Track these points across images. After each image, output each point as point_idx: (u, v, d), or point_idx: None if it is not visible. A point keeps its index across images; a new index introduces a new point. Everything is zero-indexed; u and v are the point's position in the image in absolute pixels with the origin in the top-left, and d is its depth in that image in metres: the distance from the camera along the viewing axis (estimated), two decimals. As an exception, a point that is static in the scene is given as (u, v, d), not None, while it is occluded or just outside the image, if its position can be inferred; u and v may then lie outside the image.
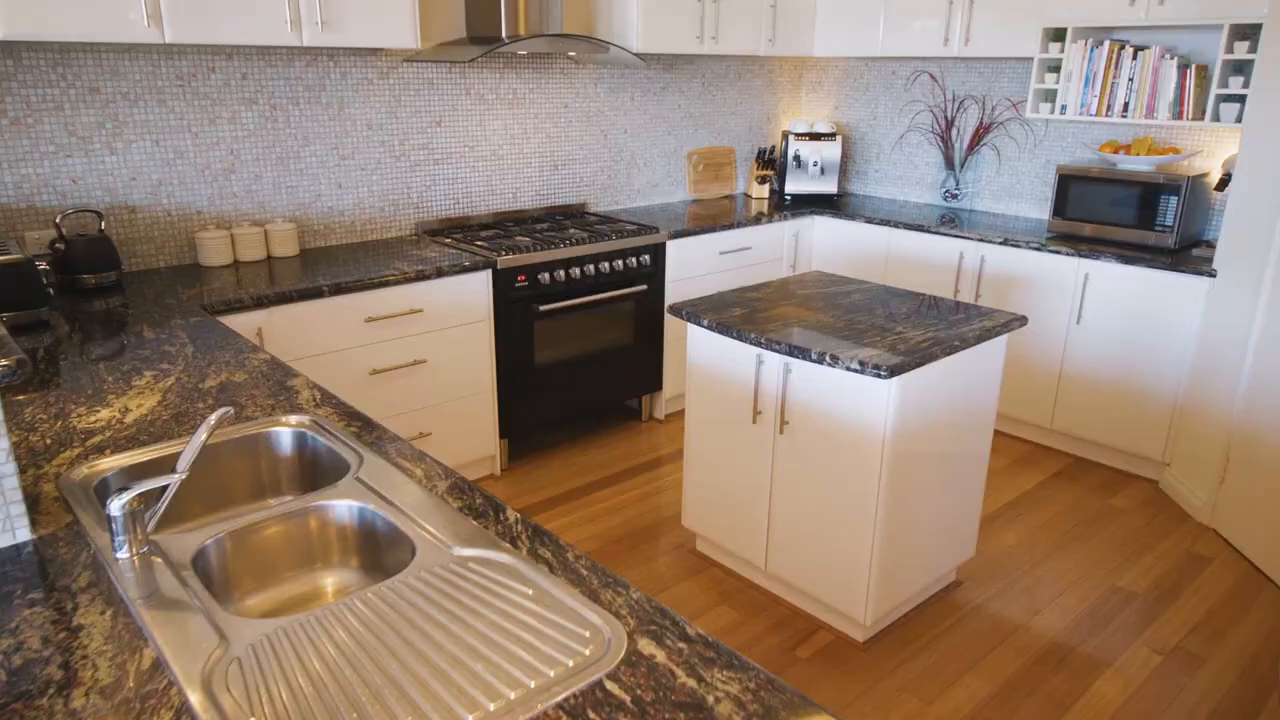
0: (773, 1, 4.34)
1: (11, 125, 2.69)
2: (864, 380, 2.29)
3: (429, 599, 1.17)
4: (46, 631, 1.11)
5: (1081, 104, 3.66)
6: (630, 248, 3.70)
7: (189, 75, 2.99)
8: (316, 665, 1.04)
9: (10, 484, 1.29)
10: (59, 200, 2.81)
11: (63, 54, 2.74)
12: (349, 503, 1.46)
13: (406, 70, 3.50)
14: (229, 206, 3.17)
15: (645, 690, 1.01)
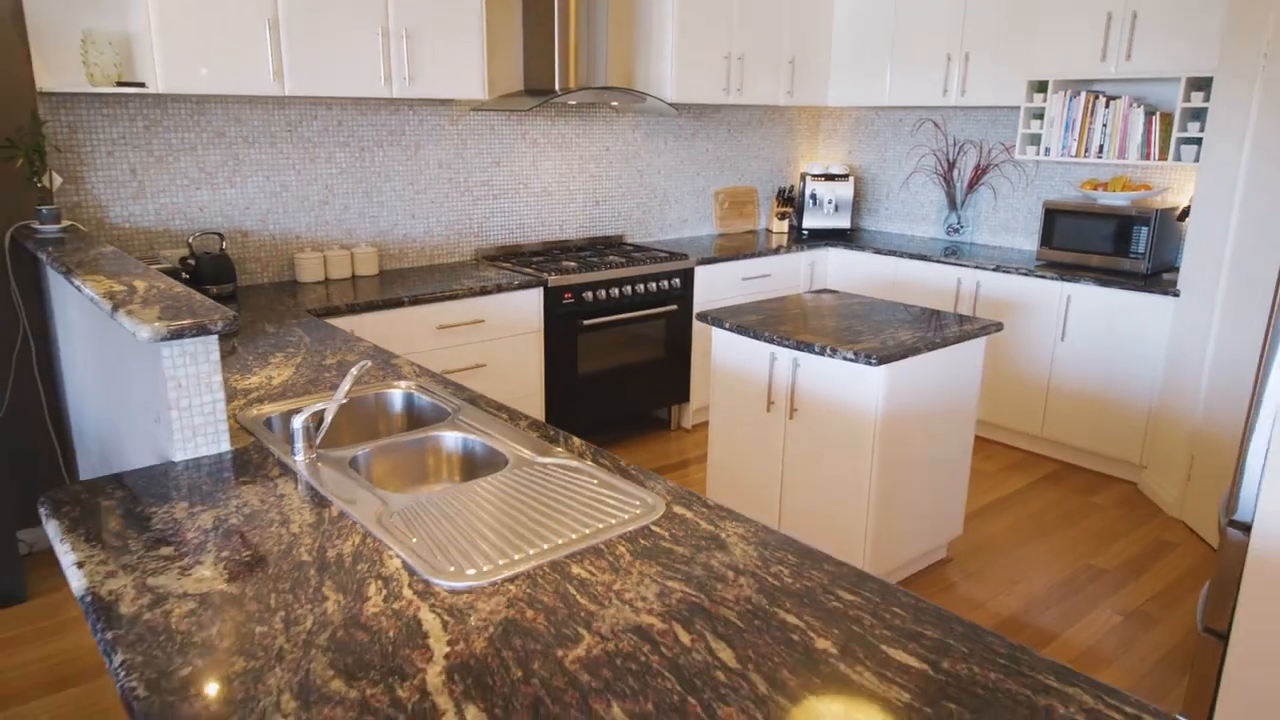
0: (790, 57, 4.89)
1: (156, 163, 3.28)
2: (858, 368, 2.75)
3: (523, 484, 1.65)
4: (261, 496, 1.60)
5: (1063, 146, 4.14)
6: (662, 272, 4.20)
7: (296, 122, 3.57)
8: (452, 516, 1.52)
9: (221, 409, 1.79)
10: (188, 225, 3.39)
11: (199, 104, 3.33)
12: (454, 434, 1.95)
13: (473, 118, 4.07)
14: (322, 232, 3.73)
15: (678, 531, 1.48)
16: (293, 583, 1.30)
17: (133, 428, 2.09)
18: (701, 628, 1.20)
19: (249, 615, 1.22)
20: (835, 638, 1.18)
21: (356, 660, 1.12)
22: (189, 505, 1.57)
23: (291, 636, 1.17)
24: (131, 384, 2.02)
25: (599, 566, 1.36)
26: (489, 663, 1.12)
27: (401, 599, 1.27)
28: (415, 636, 1.17)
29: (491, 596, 1.27)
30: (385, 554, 1.40)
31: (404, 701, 1.04)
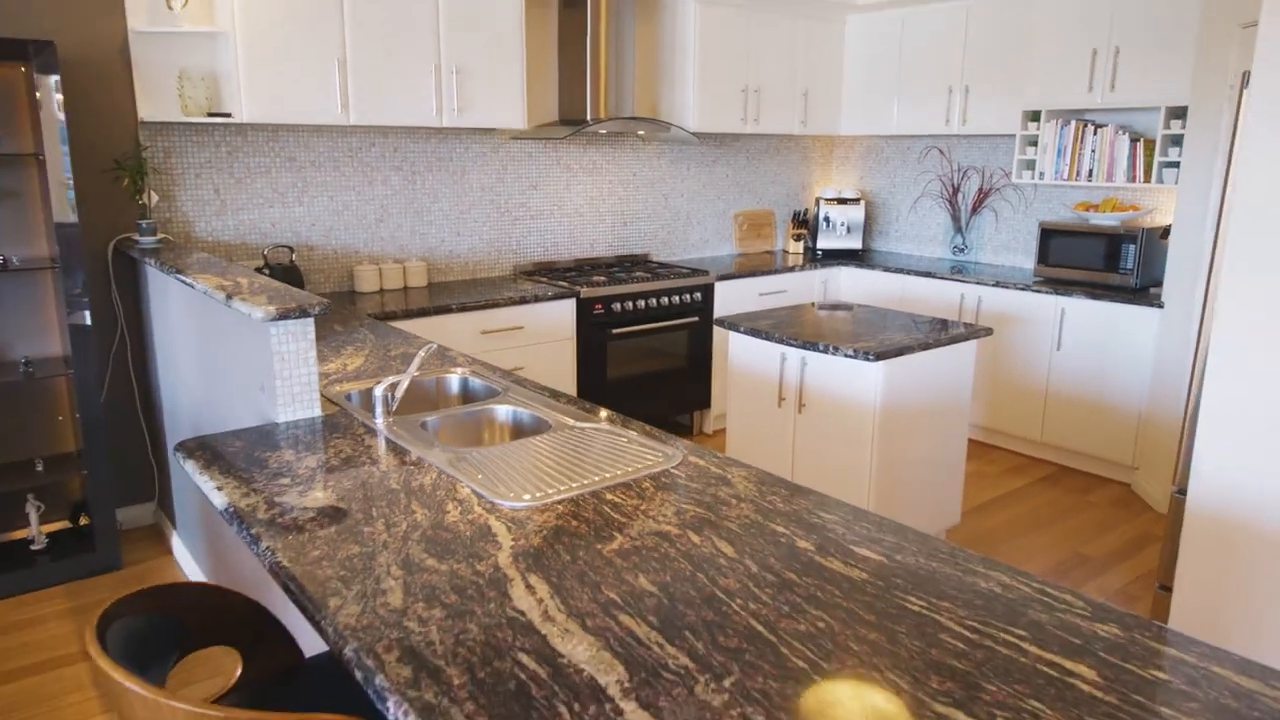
0: (804, 90, 5.27)
1: (236, 184, 3.70)
2: (858, 364, 3.08)
3: (566, 441, 2.00)
4: (352, 447, 1.96)
5: (1056, 171, 4.46)
6: (685, 286, 4.56)
7: (357, 148, 4.00)
8: (509, 462, 1.87)
9: (315, 380, 2.16)
10: (262, 239, 3.80)
11: (274, 133, 3.76)
12: (505, 406, 2.30)
13: (513, 145, 4.48)
14: (378, 247, 4.14)
15: (693, 473, 1.82)
16: (386, 502, 1.66)
17: (233, 399, 2.47)
18: (709, 533, 1.54)
19: (356, 521, 1.57)
20: (813, 540, 1.51)
21: (443, 548, 1.47)
22: (295, 452, 1.93)
23: (391, 534, 1.52)
24: (235, 362, 2.40)
25: (628, 495, 1.70)
26: (544, 550, 1.46)
27: (473, 513, 1.61)
28: (486, 535, 1.52)
29: (543, 513, 1.62)
30: (458, 485, 1.75)
31: (482, 572, 1.39)
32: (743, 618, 1.26)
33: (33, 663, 2.72)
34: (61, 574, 3.22)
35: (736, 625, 1.24)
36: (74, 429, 3.44)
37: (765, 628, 1.23)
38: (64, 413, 3.43)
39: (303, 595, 1.32)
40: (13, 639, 2.85)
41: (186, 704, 1.03)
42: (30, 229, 3.25)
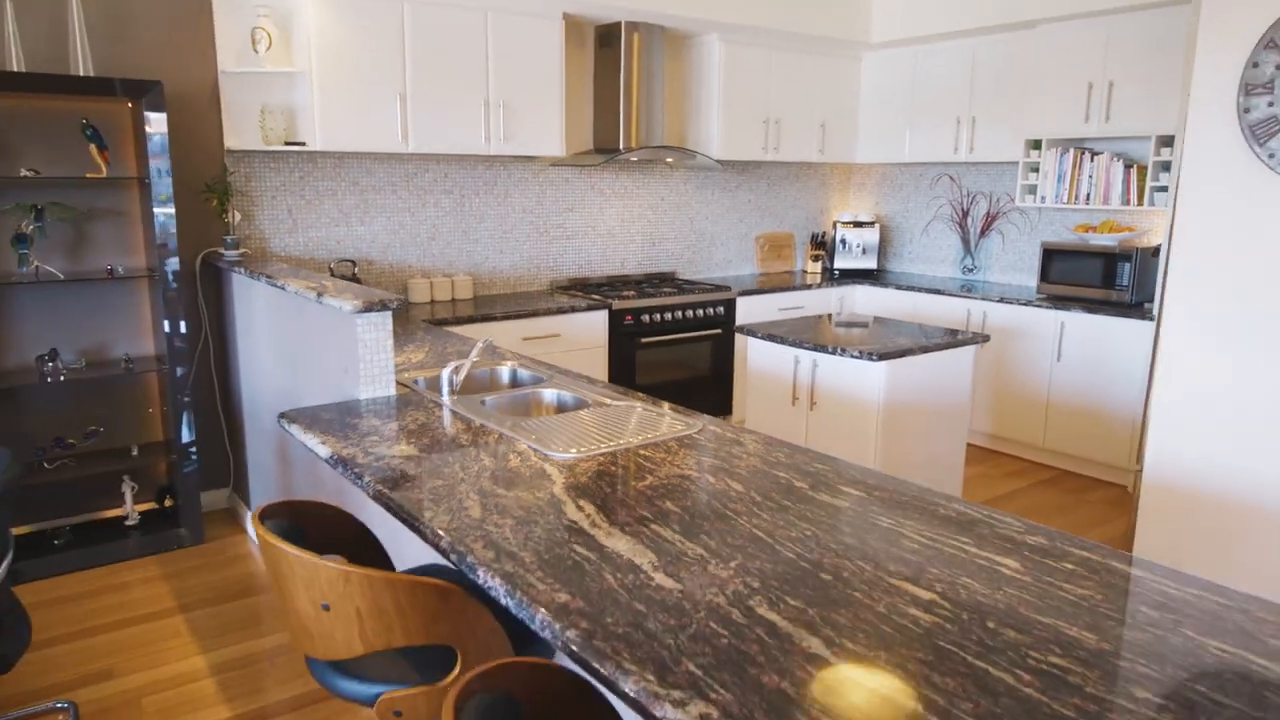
0: (822, 121, 5.66)
1: (306, 205, 4.15)
2: (863, 365, 3.41)
3: (603, 414, 2.36)
4: (425, 416, 2.34)
5: (1056, 195, 4.79)
6: (708, 300, 4.93)
7: (412, 174, 4.43)
8: (558, 428, 2.23)
9: (391, 364, 2.55)
10: (328, 254, 4.23)
11: (340, 160, 4.21)
12: (550, 390, 2.67)
13: (552, 171, 4.90)
14: (429, 263, 4.56)
15: (711, 438, 2.17)
16: (460, 453, 2.03)
17: (313, 384, 2.87)
18: (723, 475, 1.89)
19: (436, 465, 1.94)
20: (807, 481, 1.86)
21: (508, 483, 1.83)
22: (378, 419, 2.31)
23: (466, 473, 1.89)
24: (318, 351, 2.79)
25: (657, 451, 2.06)
26: (590, 485, 1.82)
27: (530, 461, 1.98)
28: (541, 475, 1.88)
29: (587, 462, 1.98)
30: (516, 443, 2.11)
31: (540, 498, 1.75)
32: (746, 527, 1.61)
33: (133, 616, 3.11)
34: (151, 547, 3.62)
35: (741, 531, 1.59)
36: (162, 420, 3.87)
37: (764, 534, 1.58)
38: (155, 405, 3.85)
39: (403, 512, 1.69)
40: (115, 598, 3.25)
41: (334, 562, 1.40)
42: (132, 242, 3.70)
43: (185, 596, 3.27)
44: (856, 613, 1.30)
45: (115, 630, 3.02)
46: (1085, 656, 1.18)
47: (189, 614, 3.14)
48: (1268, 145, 2.13)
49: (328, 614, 1.43)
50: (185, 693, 2.66)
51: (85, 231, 3.58)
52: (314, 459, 3.05)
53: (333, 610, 1.42)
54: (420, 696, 1.46)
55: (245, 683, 2.71)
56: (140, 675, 2.75)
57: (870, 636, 1.23)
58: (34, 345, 3.53)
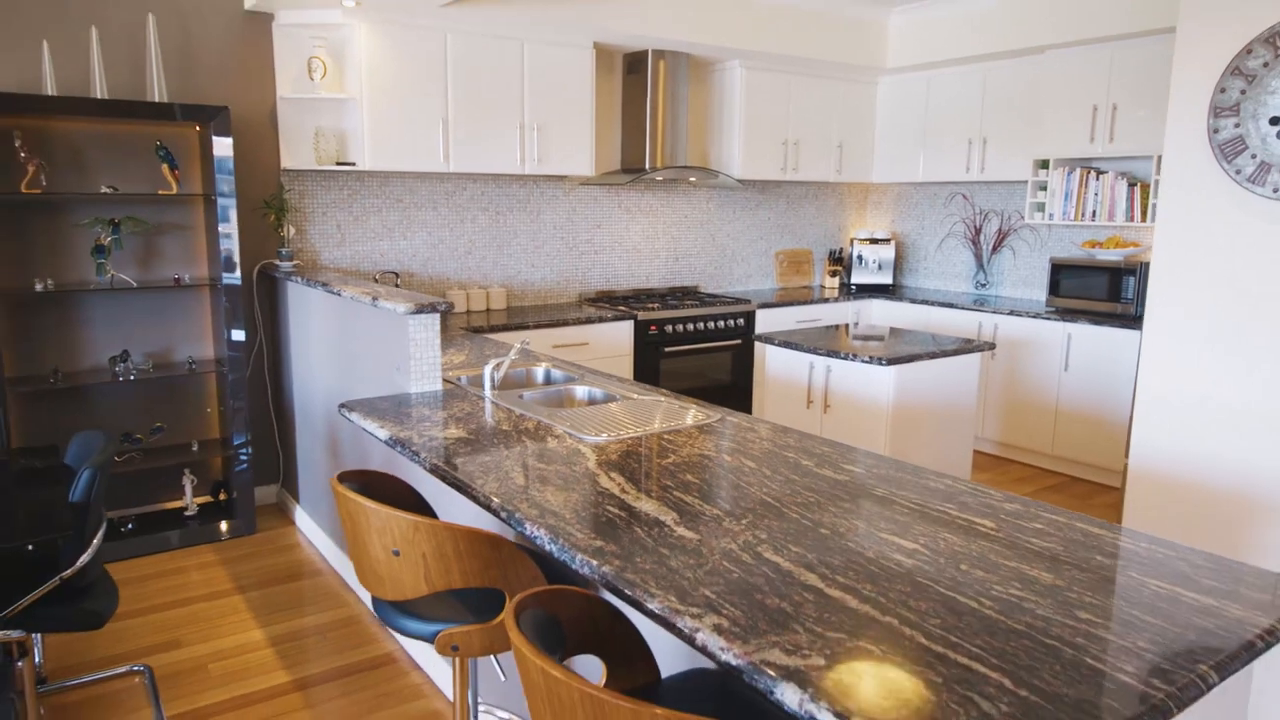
0: (839, 142, 5.90)
1: (354, 221, 4.45)
2: (873, 369, 3.63)
3: (631, 406, 2.60)
4: (470, 407, 2.59)
5: (1063, 212, 4.99)
6: (729, 312, 5.17)
7: (451, 192, 4.73)
8: (589, 416, 2.48)
9: (438, 361, 2.81)
10: (373, 266, 4.53)
11: (385, 179, 4.51)
12: (581, 387, 2.92)
13: (581, 190, 5.18)
14: (466, 275, 4.84)
15: (729, 425, 2.40)
16: (503, 435, 2.28)
17: (364, 380, 3.13)
18: (738, 455, 2.12)
19: (483, 445, 2.19)
20: (813, 460, 2.09)
21: (547, 459, 2.08)
22: (429, 409, 2.57)
23: (509, 451, 2.13)
24: (370, 350, 3.06)
25: (679, 435, 2.30)
26: (619, 461, 2.06)
27: (566, 443, 2.22)
28: (576, 454, 2.13)
29: (617, 444, 2.22)
30: (553, 428, 2.36)
31: (576, 471, 1.99)
32: (758, 495, 1.84)
33: (195, 595, 3.38)
34: (208, 535, 3.90)
35: (753, 498, 1.82)
36: (220, 419, 4.16)
37: (773, 500, 1.81)
38: (213, 405, 4.15)
39: (458, 480, 1.94)
40: (176, 579, 3.52)
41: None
42: (196, 254, 4.01)
43: (240, 579, 3.53)
44: (849, 558, 1.52)
45: (180, 607, 3.29)
46: (1040, 590, 1.40)
47: (245, 594, 3.40)
48: (1234, 162, 2.34)
49: (398, 559, 1.67)
50: (245, 660, 2.92)
51: (155, 244, 3.89)
52: (363, 451, 3.31)
53: (402, 555, 1.66)
54: (474, 633, 1.69)
55: (296, 654, 2.96)
56: (205, 645, 3.02)
57: (859, 574, 1.45)
58: (107, 347, 3.84)
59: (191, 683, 2.78)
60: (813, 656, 1.19)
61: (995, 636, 1.25)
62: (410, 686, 2.78)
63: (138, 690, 2.74)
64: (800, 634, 1.25)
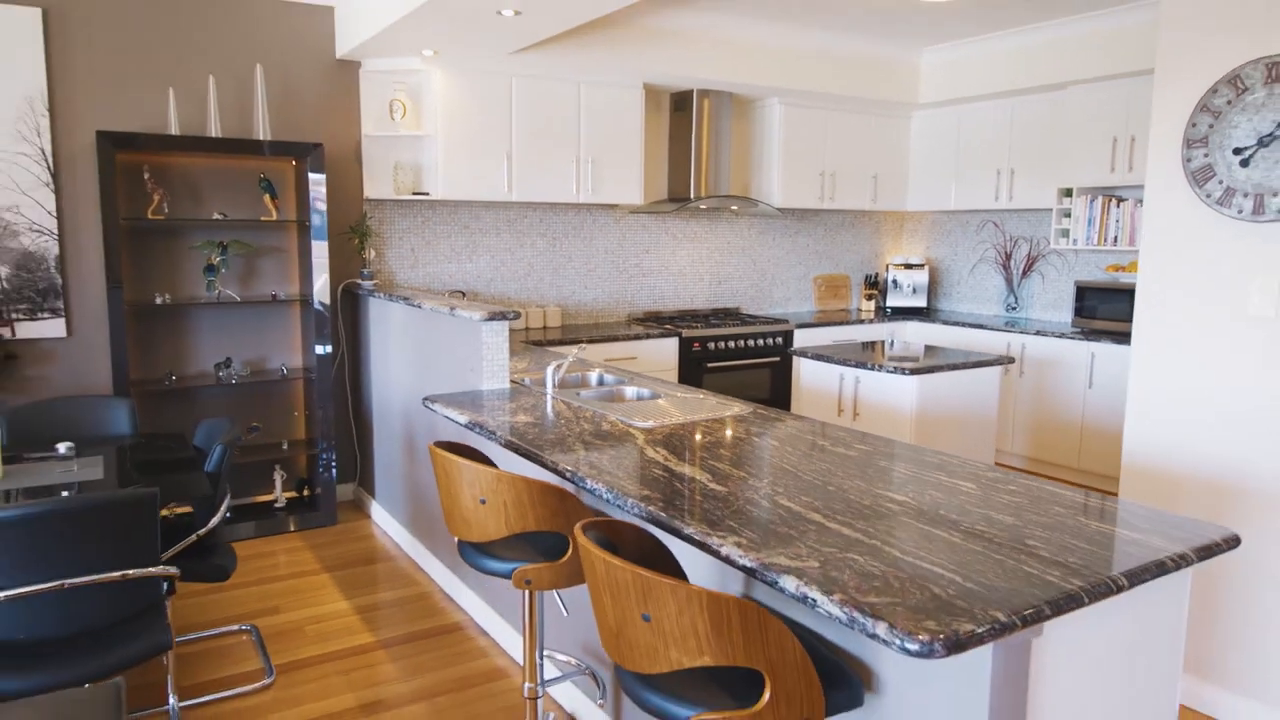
0: (874, 173, 6.25)
1: (426, 245, 4.93)
2: (898, 379, 3.95)
3: (675, 400, 2.98)
4: (534, 400, 3.00)
5: (1087, 238, 5.26)
6: (768, 331, 5.52)
7: (512, 219, 5.19)
8: (639, 407, 2.86)
9: (506, 363, 3.23)
10: (442, 285, 5.00)
11: (455, 207, 5.00)
12: (632, 387, 3.30)
13: (631, 218, 5.61)
14: (525, 295, 5.29)
15: (758, 417, 2.77)
16: (564, 421, 2.67)
17: (439, 381, 3.56)
18: (765, 436, 2.48)
19: (548, 427, 2.59)
20: (829, 440, 2.44)
21: (602, 439, 2.46)
22: (499, 401, 2.98)
23: (570, 431, 2.53)
24: (448, 354, 3.49)
25: (715, 424, 2.66)
26: (664, 440, 2.44)
27: (619, 427, 2.61)
28: (627, 435, 2.51)
29: (662, 429, 2.60)
30: (607, 416, 2.75)
31: (626, 446, 2.37)
32: (778, 463, 2.20)
33: (288, 573, 3.82)
34: (294, 525, 4.35)
35: (774, 465, 2.18)
36: (306, 422, 4.63)
37: (790, 467, 2.17)
38: (300, 409, 4.63)
39: (529, 451, 2.34)
40: (270, 560, 3.97)
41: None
42: (289, 273, 4.51)
43: (325, 561, 3.97)
44: (848, 504, 1.87)
45: (276, 582, 3.73)
46: (1000, 527, 1.73)
47: (330, 573, 3.83)
48: (1205, 187, 2.64)
49: (484, 507, 2.07)
50: (335, 624, 3.33)
51: (255, 264, 4.41)
52: (437, 446, 3.73)
53: (488, 503, 2.06)
54: (544, 570, 2.07)
55: (376, 621, 3.37)
56: (300, 612, 3.44)
57: (854, 515, 1.80)
58: (213, 355, 4.35)
59: (291, 640, 3.20)
60: (809, 561, 1.55)
61: (956, 553, 1.59)
62: (477, 648, 3.16)
63: (246, 645, 3.17)
64: (801, 549, 1.61)
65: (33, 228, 3.89)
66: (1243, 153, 2.54)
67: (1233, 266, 2.61)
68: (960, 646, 1.28)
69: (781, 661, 1.44)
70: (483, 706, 2.77)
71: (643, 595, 1.45)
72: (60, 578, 2.09)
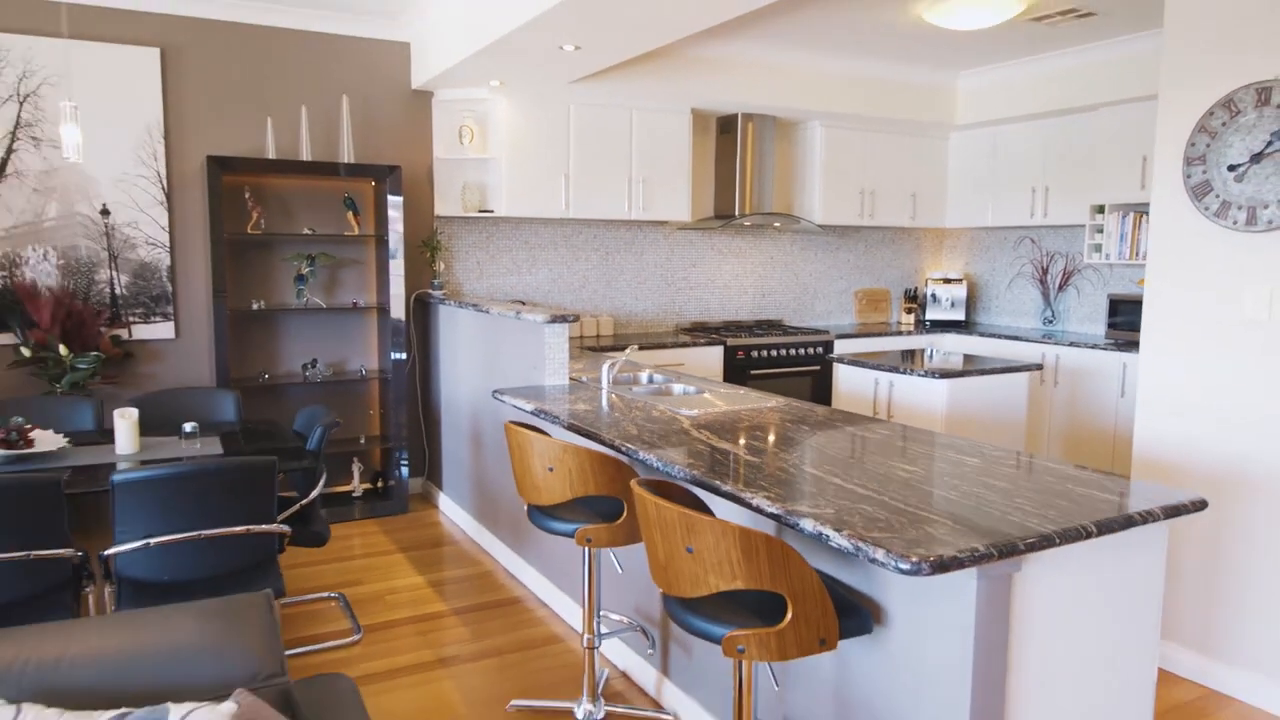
0: (913, 191, 6.52)
1: (490, 259, 5.34)
2: (928, 383, 4.22)
3: (719, 395, 3.30)
4: (592, 393, 3.35)
5: (1119, 253, 5.46)
6: (809, 341, 5.81)
7: (568, 235, 5.58)
8: (687, 399, 3.19)
9: (566, 361, 3.58)
10: (503, 296, 5.40)
11: (517, 223, 5.41)
12: (679, 384, 3.64)
13: (679, 234, 5.97)
14: (579, 306, 5.66)
15: (791, 407, 3.08)
16: (619, 409, 3.01)
17: (509, 377, 3.93)
18: (797, 423, 2.79)
19: (604, 413, 2.93)
20: (855, 426, 2.74)
21: (653, 422, 2.80)
22: (560, 394, 3.33)
23: (624, 417, 2.87)
24: (513, 354, 3.87)
25: (753, 413, 2.98)
26: (706, 424, 2.76)
27: (667, 415, 2.94)
28: (674, 420, 2.84)
29: (706, 417, 2.92)
30: (656, 406, 3.08)
31: (674, 429, 2.70)
32: (807, 441, 2.51)
33: (367, 552, 4.22)
34: (370, 513, 4.76)
35: (801, 444, 2.49)
36: (380, 420, 5.06)
37: (816, 446, 2.47)
38: (375, 408, 5.06)
39: (588, 430, 2.68)
40: (349, 542, 4.37)
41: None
42: (368, 284, 4.96)
43: (398, 544, 4.36)
44: (865, 471, 2.18)
45: (357, 559, 4.13)
46: (993, 490, 2.02)
47: (403, 554, 4.22)
48: (1203, 201, 2.89)
49: (551, 474, 2.41)
50: (411, 594, 3.71)
51: (338, 275, 4.86)
52: (502, 441, 4.10)
53: (555, 471, 2.40)
54: (603, 530, 2.41)
55: (446, 593, 3.73)
56: (380, 584, 3.83)
57: (869, 479, 2.11)
58: (300, 356, 4.80)
59: (372, 607, 3.59)
60: (826, 509, 1.86)
61: (951, 507, 1.89)
62: (537, 617, 3.50)
63: (335, 610, 3.56)
64: (820, 502, 1.92)
65: (148, 241, 4.38)
66: (1237, 169, 2.79)
67: (1229, 273, 2.85)
68: (944, 567, 1.58)
69: (801, 588, 1.75)
70: (543, 664, 3.10)
71: (687, 530, 1.77)
72: (197, 529, 2.50)
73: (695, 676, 2.66)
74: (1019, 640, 1.81)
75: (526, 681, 2.98)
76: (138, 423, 2.97)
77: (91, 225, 4.27)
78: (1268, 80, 2.74)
